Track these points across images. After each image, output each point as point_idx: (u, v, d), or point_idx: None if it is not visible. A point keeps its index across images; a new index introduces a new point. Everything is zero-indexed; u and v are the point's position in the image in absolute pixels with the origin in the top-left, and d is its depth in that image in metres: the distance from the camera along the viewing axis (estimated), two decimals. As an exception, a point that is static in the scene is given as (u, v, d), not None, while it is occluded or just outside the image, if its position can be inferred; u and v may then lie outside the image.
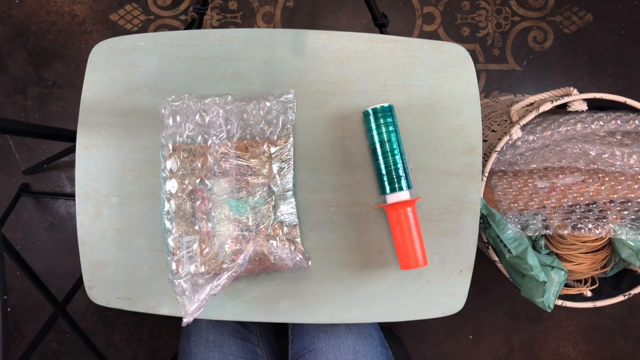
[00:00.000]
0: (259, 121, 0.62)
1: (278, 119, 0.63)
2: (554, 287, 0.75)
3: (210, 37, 0.66)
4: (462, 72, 0.66)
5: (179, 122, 0.62)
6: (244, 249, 0.60)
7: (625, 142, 0.76)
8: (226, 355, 0.67)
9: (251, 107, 0.62)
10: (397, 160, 0.62)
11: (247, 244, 0.60)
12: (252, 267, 0.61)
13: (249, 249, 0.60)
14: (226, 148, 0.61)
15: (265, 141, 0.62)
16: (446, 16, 1.31)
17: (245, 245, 0.60)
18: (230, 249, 0.60)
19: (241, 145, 0.62)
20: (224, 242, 0.60)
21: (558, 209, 0.80)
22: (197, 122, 0.62)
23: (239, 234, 0.60)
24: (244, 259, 0.60)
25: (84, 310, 1.27)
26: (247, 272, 0.62)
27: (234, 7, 1.31)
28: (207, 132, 0.61)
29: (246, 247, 0.60)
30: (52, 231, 1.28)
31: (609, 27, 1.30)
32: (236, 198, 0.61)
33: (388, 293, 0.65)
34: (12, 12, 1.30)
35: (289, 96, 0.63)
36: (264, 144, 0.62)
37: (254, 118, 0.62)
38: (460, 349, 1.28)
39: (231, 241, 0.60)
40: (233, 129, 0.62)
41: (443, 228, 0.65)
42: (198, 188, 0.61)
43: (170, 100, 0.62)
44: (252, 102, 0.62)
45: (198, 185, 0.61)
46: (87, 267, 0.65)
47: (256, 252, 0.61)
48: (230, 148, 0.61)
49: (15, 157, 1.28)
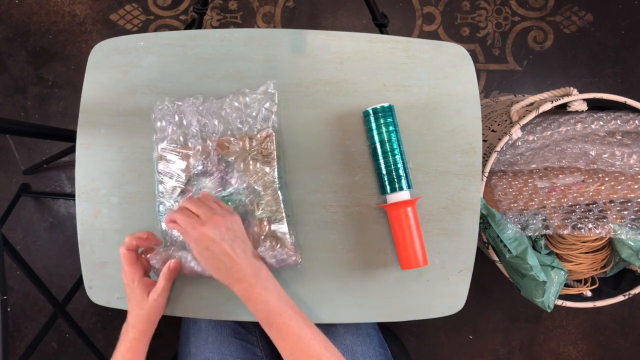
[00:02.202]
0: (238, 116, 0.62)
1: (258, 112, 0.62)
2: (554, 287, 0.75)
3: (210, 37, 0.66)
4: (462, 72, 0.66)
5: (164, 125, 0.62)
6: None
7: (625, 142, 0.76)
8: (225, 356, 0.67)
9: (227, 104, 0.61)
10: (397, 160, 0.62)
11: None
12: None
13: None
14: (205, 148, 0.61)
15: (245, 137, 0.62)
16: (446, 16, 1.31)
17: None
18: None
19: (221, 144, 0.62)
20: None
21: (558, 209, 0.79)
22: (177, 124, 0.62)
23: None
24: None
25: (84, 310, 1.27)
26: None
27: (234, 7, 1.31)
28: (186, 133, 0.62)
29: None
30: (52, 231, 1.28)
31: (609, 27, 1.30)
32: (220, 196, 0.62)
33: (388, 293, 0.65)
34: (12, 12, 1.30)
35: (269, 87, 0.62)
36: (243, 139, 0.62)
37: (232, 114, 0.62)
38: (460, 349, 1.28)
39: None
40: (211, 127, 0.62)
41: (443, 228, 0.65)
42: (187, 188, 0.62)
43: (159, 105, 0.63)
44: (229, 97, 0.62)
45: (186, 185, 0.62)
46: (87, 267, 0.65)
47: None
48: (210, 147, 0.61)
49: (15, 157, 1.27)
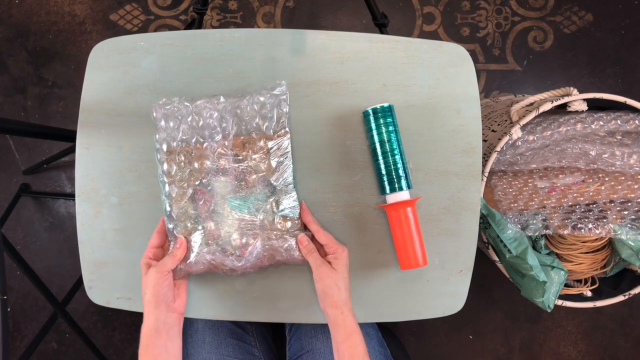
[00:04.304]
0: (254, 116, 0.62)
1: (273, 112, 0.62)
2: (554, 287, 0.75)
3: (210, 37, 0.66)
4: (462, 72, 0.66)
5: (172, 126, 0.61)
6: (250, 245, 0.60)
7: (625, 142, 0.76)
8: (223, 356, 0.67)
9: (245, 103, 0.62)
10: (397, 160, 0.61)
11: (253, 240, 0.60)
12: (261, 262, 0.61)
13: (257, 245, 0.60)
14: (223, 148, 0.61)
15: (262, 136, 0.62)
16: (446, 16, 1.31)
17: (252, 241, 0.60)
18: (237, 244, 0.60)
19: (238, 143, 0.62)
20: (228, 240, 0.60)
21: (558, 209, 0.79)
22: (190, 125, 0.61)
23: (243, 231, 0.60)
24: (250, 254, 0.59)
25: (84, 310, 1.27)
26: (254, 268, 0.62)
27: (234, 7, 1.31)
28: (201, 133, 0.61)
29: (253, 243, 0.60)
30: (52, 231, 1.28)
31: (609, 27, 1.30)
32: (238, 197, 0.61)
33: (388, 293, 0.65)
34: (12, 12, 1.30)
35: (282, 88, 0.63)
36: (260, 139, 0.62)
37: (248, 114, 0.62)
38: (460, 349, 1.28)
39: (237, 237, 0.60)
40: (228, 127, 0.61)
41: (443, 228, 0.65)
42: (199, 189, 0.61)
43: (161, 104, 0.62)
44: (246, 97, 0.62)
45: (198, 186, 0.61)
46: (87, 267, 0.65)
47: (265, 247, 0.60)
48: (227, 147, 0.61)
49: (15, 157, 1.27)
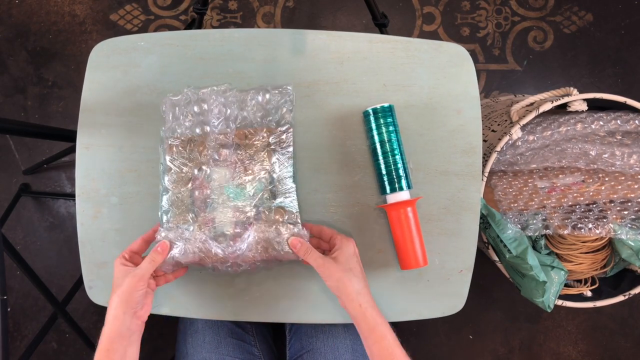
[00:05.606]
0: (258, 110, 0.62)
1: (277, 108, 0.63)
2: (554, 287, 0.75)
3: (210, 37, 0.66)
4: (462, 72, 0.66)
5: (177, 114, 0.62)
6: (243, 234, 0.59)
7: (625, 142, 0.76)
8: (222, 356, 0.67)
9: (250, 97, 0.62)
10: (397, 160, 0.61)
11: (246, 229, 0.60)
12: (253, 255, 0.60)
13: (250, 233, 0.59)
14: (225, 136, 0.61)
15: (264, 129, 0.62)
16: (446, 16, 1.31)
17: (245, 230, 0.60)
18: (230, 233, 0.60)
19: (240, 134, 0.62)
20: (222, 228, 0.60)
21: (558, 209, 0.79)
22: (195, 112, 0.62)
23: (238, 219, 0.60)
24: (242, 242, 0.59)
25: (84, 310, 1.27)
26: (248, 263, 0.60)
27: (234, 7, 1.31)
28: (205, 121, 0.62)
29: (247, 232, 0.60)
30: (52, 231, 1.28)
31: (609, 27, 1.30)
32: (235, 185, 0.61)
33: (388, 293, 0.65)
34: (12, 12, 1.30)
35: (288, 89, 0.64)
36: (262, 131, 0.62)
37: (253, 107, 0.62)
38: (460, 349, 1.28)
39: (230, 226, 0.60)
40: (232, 116, 0.62)
41: (443, 228, 0.65)
42: (196, 176, 0.61)
43: (171, 96, 0.63)
44: (251, 91, 0.63)
45: (196, 174, 0.61)
46: (87, 267, 0.65)
47: (258, 239, 0.60)
48: (229, 136, 0.61)
49: (15, 157, 1.27)
